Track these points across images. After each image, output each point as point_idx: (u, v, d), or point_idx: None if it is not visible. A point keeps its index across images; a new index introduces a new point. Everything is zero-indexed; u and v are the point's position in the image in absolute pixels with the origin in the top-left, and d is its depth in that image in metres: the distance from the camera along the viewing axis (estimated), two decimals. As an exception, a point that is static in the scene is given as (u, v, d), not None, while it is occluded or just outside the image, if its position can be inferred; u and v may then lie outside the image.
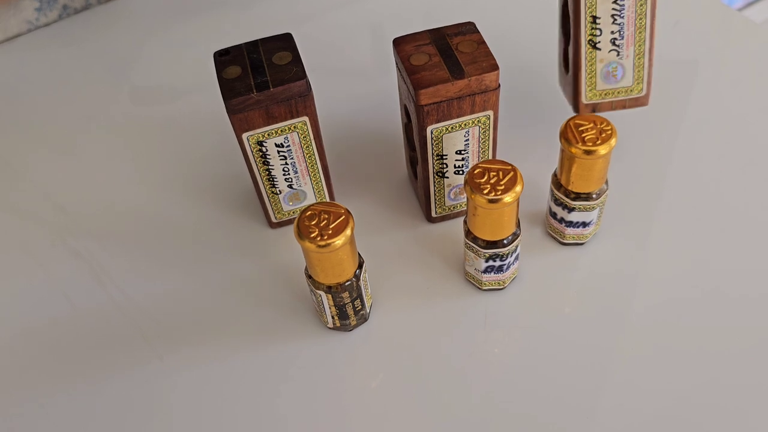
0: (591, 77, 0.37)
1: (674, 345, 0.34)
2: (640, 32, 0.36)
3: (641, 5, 0.35)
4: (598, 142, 0.33)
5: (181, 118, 0.49)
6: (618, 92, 0.38)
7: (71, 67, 0.54)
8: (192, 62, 0.53)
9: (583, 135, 0.33)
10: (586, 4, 0.35)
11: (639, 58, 0.37)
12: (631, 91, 0.38)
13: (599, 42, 0.36)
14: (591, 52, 0.37)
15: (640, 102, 0.39)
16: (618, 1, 0.35)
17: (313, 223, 0.30)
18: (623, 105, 0.39)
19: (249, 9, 0.57)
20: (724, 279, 0.37)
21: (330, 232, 0.30)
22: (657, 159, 0.43)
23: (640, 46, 0.36)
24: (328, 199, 0.41)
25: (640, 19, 0.36)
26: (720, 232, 0.39)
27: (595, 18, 0.36)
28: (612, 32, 0.36)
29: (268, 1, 0.57)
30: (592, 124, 0.34)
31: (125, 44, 0.56)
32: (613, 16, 0.35)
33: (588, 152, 0.33)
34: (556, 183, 0.36)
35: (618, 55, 0.37)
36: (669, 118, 0.45)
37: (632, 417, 0.32)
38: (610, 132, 0.33)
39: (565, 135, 0.34)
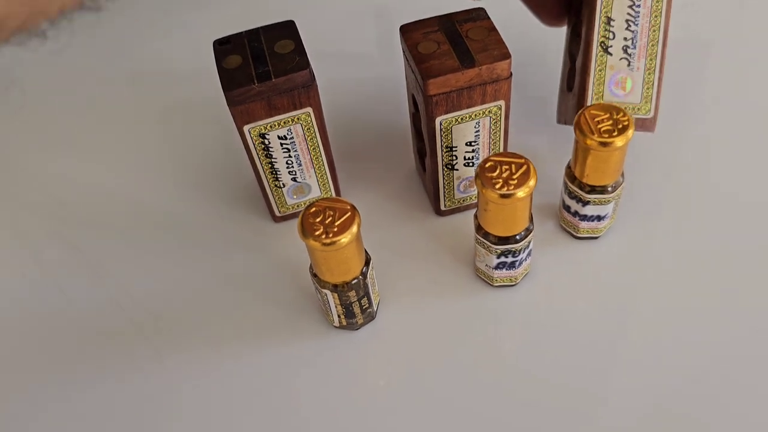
0: (599, 85, 0.36)
1: (690, 339, 0.33)
2: (652, 45, 0.34)
3: (656, 17, 0.34)
4: (615, 133, 0.32)
5: (182, 108, 0.48)
6: (625, 108, 0.36)
7: (69, 57, 0.53)
8: (193, 50, 0.51)
9: (599, 126, 0.32)
10: (602, 4, 0.34)
11: (649, 74, 0.35)
12: (638, 110, 0.36)
13: (611, 46, 0.35)
14: (602, 56, 0.35)
15: (646, 126, 0.37)
16: (634, 6, 0.33)
17: (318, 220, 0.29)
18: None
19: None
20: (742, 271, 0.35)
21: (335, 229, 0.29)
22: (673, 149, 0.41)
23: (651, 60, 0.35)
24: (333, 192, 0.39)
25: (654, 31, 0.34)
26: (737, 225, 0.37)
27: (609, 19, 0.34)
28: (625, 38, 0.34)
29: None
30: (608, 115, 0.32)
31: (124, 31, 0.55)
32: (627, 21, 0.34)
33: (604, 144, 0.32)
34: (570, 175, 0.35)
35: (629, 65, 0.35)
36: (685, 104, 0.44)
37: (648, 411, 0.31)
38: (627, 123, 0.32)
39: (579, 126, 0.32)
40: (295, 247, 0.38)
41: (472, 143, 0.35)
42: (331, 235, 0.29)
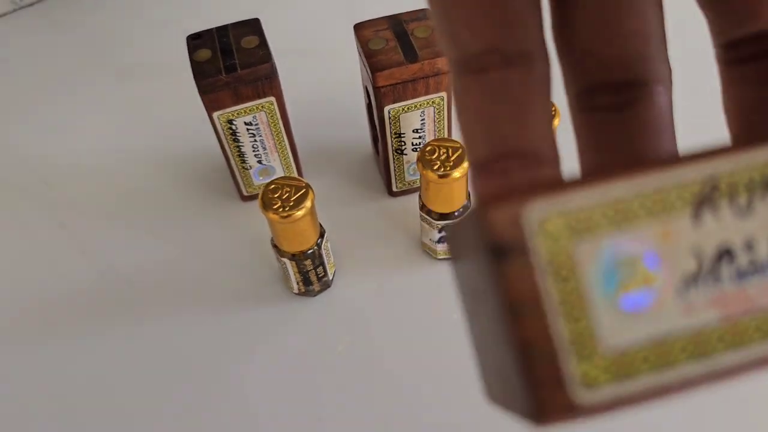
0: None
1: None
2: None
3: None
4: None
5: (161, 96, 0.51)
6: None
7: (56, 46, 0.56)
8: (171, 42, 0.55)
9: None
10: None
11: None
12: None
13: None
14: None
15: None
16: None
17: (276, 195, 0.33)
18: None
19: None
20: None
21: (291, 203, 0.33)
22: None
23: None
24: (296, 174, 0.43)
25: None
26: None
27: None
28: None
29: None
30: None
31: (108, 24, 0.58)
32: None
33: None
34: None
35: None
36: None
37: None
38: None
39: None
40: (260, 224, 0.42)
41: (419, 130, 0.39)
42: (287, 209, 0.33)
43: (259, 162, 0.41)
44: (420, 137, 0.40)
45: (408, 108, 0.38)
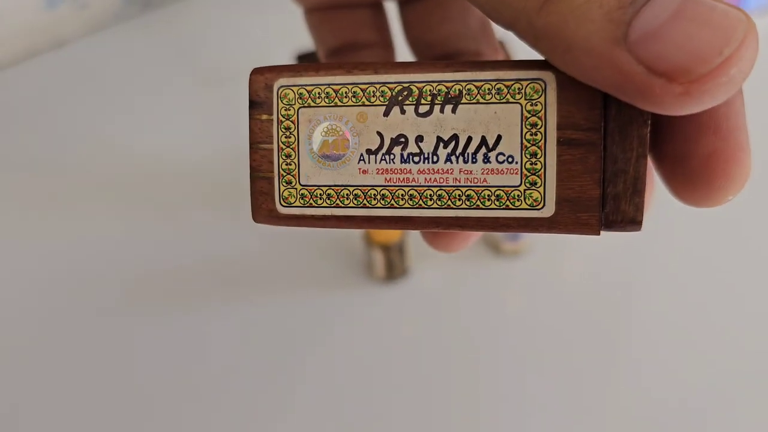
0: None
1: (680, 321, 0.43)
2: None
3: None
4: None
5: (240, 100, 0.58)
6: None
7: (151, 54, 0.64)
8: (251, 49, 0.62)
9: None
10: None
11: None
12: None
13: None
14: None
15: None
16: None
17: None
18: None
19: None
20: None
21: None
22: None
23: None
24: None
25: None
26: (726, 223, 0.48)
27: None
28: None
29: None
30: None
31: (197, 35, 0.65)
32: None
33: None
34: None
35: None
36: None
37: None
38: None
39: None
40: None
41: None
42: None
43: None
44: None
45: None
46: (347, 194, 0.17)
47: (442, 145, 0.17)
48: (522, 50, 0.21)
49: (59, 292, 0.46)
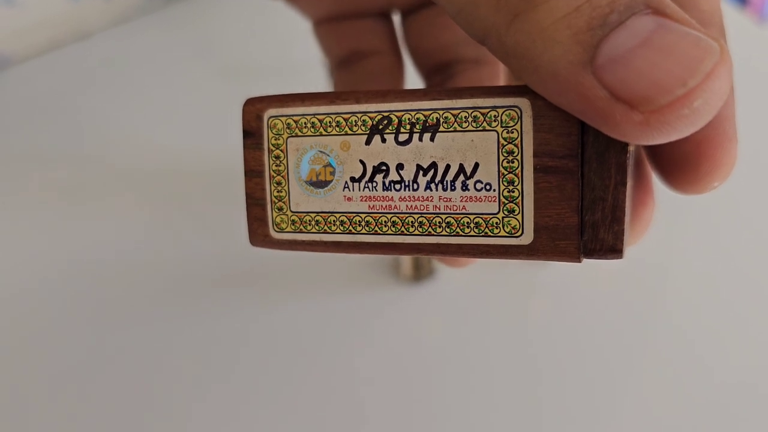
0: None
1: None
2: None
3: None
4: None
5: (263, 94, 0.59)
6: None
7: (173, 47, 0.65)
8: (274, 44, 0.62)
9: None
10: None
11: None
12: None
13: None
14: None
15: None
16: None
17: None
18: None
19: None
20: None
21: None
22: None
23: None
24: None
25: None
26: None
27: None
28: None
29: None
30: None
31: (218, 31, 0.66)
32: None
33: None
34: None
35: None
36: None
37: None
38: None
39: None
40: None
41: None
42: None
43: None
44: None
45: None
46: (334, 220, 0.18)
47: (421, 173, 0.17)
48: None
49: (78, 282, 0.48)
